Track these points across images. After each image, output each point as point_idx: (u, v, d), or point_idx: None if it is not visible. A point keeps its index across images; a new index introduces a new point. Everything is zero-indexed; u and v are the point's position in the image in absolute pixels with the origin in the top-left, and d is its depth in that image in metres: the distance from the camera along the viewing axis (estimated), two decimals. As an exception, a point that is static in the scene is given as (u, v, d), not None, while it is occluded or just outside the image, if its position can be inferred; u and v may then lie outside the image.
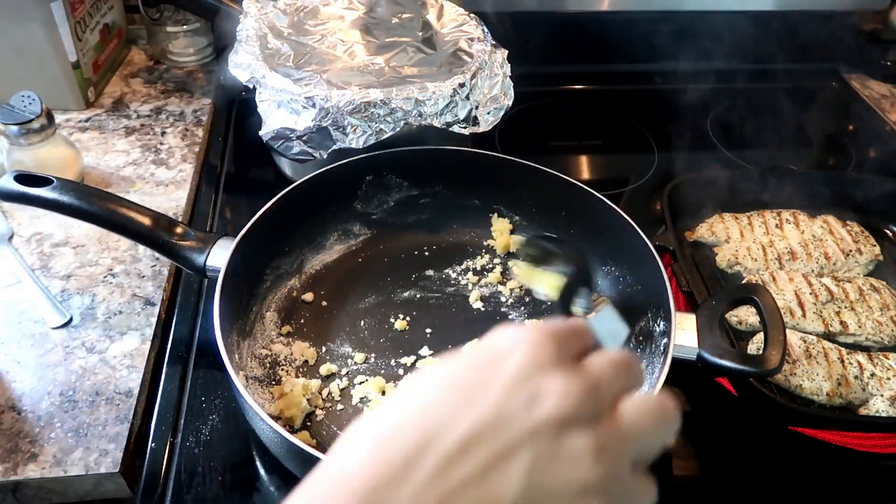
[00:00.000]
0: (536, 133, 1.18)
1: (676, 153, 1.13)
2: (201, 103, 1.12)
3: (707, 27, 1.18)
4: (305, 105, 0.82)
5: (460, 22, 0.99)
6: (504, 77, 0.93)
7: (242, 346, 0.71)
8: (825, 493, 0.70)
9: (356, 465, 0.31)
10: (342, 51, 0.92)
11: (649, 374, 0.69)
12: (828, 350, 0.77)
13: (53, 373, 0.71)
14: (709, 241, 0.93)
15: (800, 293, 0.83)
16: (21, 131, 0.85)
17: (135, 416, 0.68)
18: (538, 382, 0.32)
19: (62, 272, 0.81)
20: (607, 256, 0.83)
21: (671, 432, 0.35)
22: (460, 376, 0.34)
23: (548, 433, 0.31)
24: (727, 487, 0.70)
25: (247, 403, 0.58)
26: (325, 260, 0.85)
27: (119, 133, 1.04)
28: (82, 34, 1.04)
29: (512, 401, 0.32)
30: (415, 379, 0.35)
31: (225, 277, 0.67)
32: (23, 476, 0.62)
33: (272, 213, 0.76)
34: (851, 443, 0.70)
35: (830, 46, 1.37)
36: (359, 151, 0.83)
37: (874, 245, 0.92)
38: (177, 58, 1.20)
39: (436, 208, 0.90)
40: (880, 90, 1.34)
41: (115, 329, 0.76)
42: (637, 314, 0.76)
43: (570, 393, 0.32)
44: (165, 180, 0.97)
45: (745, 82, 1.34)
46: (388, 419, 0.33)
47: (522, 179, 0.86)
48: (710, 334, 0.66)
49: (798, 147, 1.23)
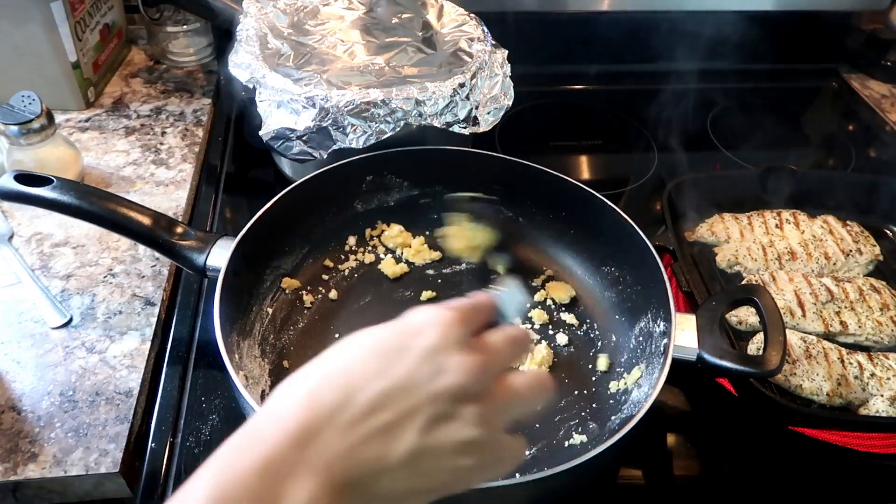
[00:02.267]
0: (536, 133, 1.18)
1: (676, 153, 1.13)
2: (201, 103, 1.12)
3: (707, 27, 1.18)
4: (305, 105, 0.82)
5: (460, 22, 0.99)
6: (504, 77, 0.93)
7: (242, 346, 0.71)
8: (825, 493, 0.70)
9: (290, 409, 0.37)
10: (342, 51, 0.92)
11: (649, 374, 0.69)
12: (828, 350, 0.77)
13: (53, 373, 0.71)
14: (709, 241, 0.93)
15: (800, 293, 0.83)
16: (21, 131, 0.85)
17: (135, 416, 0.68)
18: (443, 358, 0.40)
19: (62, 272, 0.81)
20: (607, 256, 0.83)
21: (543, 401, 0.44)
22: (381, 344, 0.41)
23: (443, 400, 0.39)
24: (727, 487, 0.70)
25: (247, 403, 0.57)
26: (325, 260, 0.85)
27: (119, 133, 1.04)
28: (82, 34, 1.03)
29: (420, 372, 0.39)
30: (344, 342, 0.42)
31: (225, 277, 0.67)
32: (23, 476, 0.62)
33: (272, 213, 0.76)
34: (851, 443, 0.70)
35: (830, 46, 1.37)
36: (359, 151, 0.83)
37: (874, 245, 0.92)
38: (177, 58, 1.20)
39: (436, 208, 0.90)
40: (880, 90, 1.34)
41: (115, 329, 0.76)
42: (637, 314, 0.76)
43: (465, 370, 0.40)
44: (165, 180, 0.96)
45: (745, 82, 1.34)
46: (318, 374, 0.40)
47: (522, 179, 0.86)
48: (710, 335, 0.66)
49: (798, 147, 1.23)
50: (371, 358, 0.40)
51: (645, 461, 0.71)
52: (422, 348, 0.40)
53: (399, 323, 0.42)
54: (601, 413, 0.71)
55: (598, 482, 0.69)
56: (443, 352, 0.40)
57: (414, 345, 0.40)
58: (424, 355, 0.40)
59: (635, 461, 0.70)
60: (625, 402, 0.70)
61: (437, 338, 0.40)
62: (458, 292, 0.83)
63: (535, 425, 0.69)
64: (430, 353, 0.40)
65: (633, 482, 0.70)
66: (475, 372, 0.40)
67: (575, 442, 0.68)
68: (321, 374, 0.40)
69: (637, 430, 0.57)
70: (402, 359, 0.40)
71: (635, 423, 0.57)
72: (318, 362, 0.41)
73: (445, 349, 0.40)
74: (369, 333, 0.42)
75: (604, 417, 0.70)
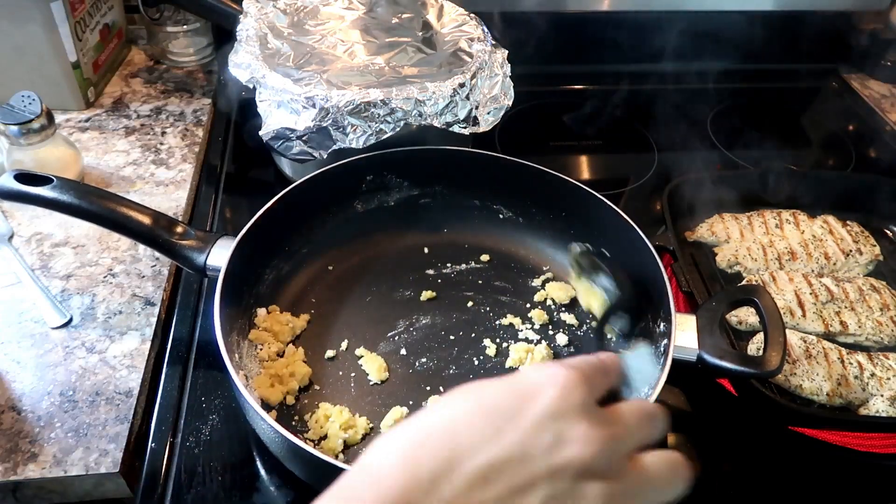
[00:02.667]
0: (536, 133, 1.18)
1: (676, 153, 1.13)
2: (201, 103, 1.12)
3: (707, 27, 1.19)
4: (305, 105, 0.82)
5: (460, 22, 0.99)
6: (504, 77, 0.93)
7: (242, 346, 0.71)
8: (825, 493, 0.70)
9: (387, 470, 0.33)
10: (342, 51, 0.92)
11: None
12: (828, 350, 0.77)
13: (53, 373, 0.71)
14: (709, 241, 0.93)
15: (800, 293, 0.83)
16: (21, 131, 0.85)
17: (135, 416, 0.68)
18: (564, 426, 0.34)
19: (62, 272, 0.81)
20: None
21: (680, 490, 0.38)
22: (492, 403, 0.35)
23: (565, 476, 0.33)
24: (727, 487, 0.70)
25: (247, 403, 0.58)
26: (325, 260, 0.85)
27: (119, 133, 1.04)
28: (82, 34, 1.03)
29: (537, 440, 0.34)
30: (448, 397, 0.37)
31: (225, 277, 0.67)
32: (23, 476, 0.62)
33: (272, 212, 0.76)
34: (851, 443, 0.71)
35: (830, 46, 1.37)
36: (359, 151, 0.83)
37: (874, 245, 0.92)
38: (177, 58, 1.21)
39: (436, 208, 0.90)
40: (880, 90, 1.34)
41: (115, 329, 0.76)
42: (637, 314, 0.76)
43: (592, 442, 0.34)
44: (165, 180, 0.97)
45: (745, 82, 1.34)
46: (419, 431, 0.35)
47: (522, 179, 0.86)
48: (710, 335, 0.66)
49: (798, 147, 1.23)
50: (479, 419, 0.35)
51: (645, 461, 0.71)
52: (539, 412, 0.35)
53: (512, 379, 0.37)
54: (601, 413, 0.71)
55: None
56: (564, 418, 0.35)
57: (530, 407, 0.35)
58: (542, 421, 0.34)
59: (635, 461, 0.70)
60: (625, 402, 0.70)
61: (557, 401, 0.35)
62: (458, 292, 0.83)
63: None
64: (549, 417, 0.35)
65: (633, 482, 0.70)
66: (602, 445, 0.34)
67: (575, 442, 0.68)
68: (422, 432, 0.35)
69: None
70: (516, 423, 0.34)
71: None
72: (419, 417, 0.36)
73: (567, 416, 0.35)
74: (477, 389, 0.37)
75: (604, 417, 0.70)
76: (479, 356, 0.76)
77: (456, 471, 0.33)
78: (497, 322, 0.80)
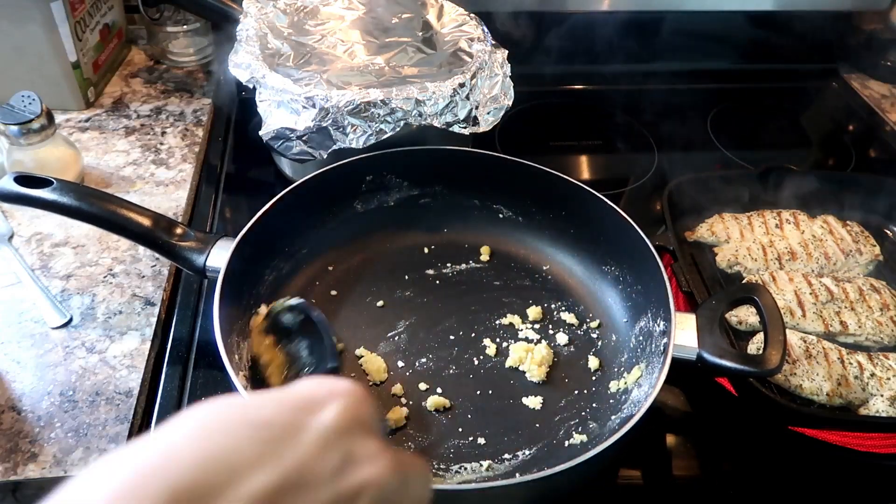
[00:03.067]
0: (536, 133, 1.18)
1: (676, 153, 1.13)
2: (201, 103, 1.12)
3: (706, 27, 1.19)
4: (305, 105, 0.82)
5: (460, 22, 0.99)
6: (504, 77, 0.93)
7: (242, 346, 0.71)
8: (825, 493, 0.70)
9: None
10: (342, 51, 0.92)
11: (649, 374, 0.69)
12: (828, 350, 0.77)
13: (53, 373, 0.71)
14: (709, 241, 0.93)
15: (800, 293, 0.83)
16: (21, 131, 0.85)
17: (135, 416, 0.68)
18: (352, 445, 0.29)
19: (62, 272, 0.81)
20: (607, 256, 0.83)
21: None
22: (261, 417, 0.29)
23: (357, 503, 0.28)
24: (727, 487, 0.70)
25: (247, 403, 0.57)
26: (325, 260, 0.85)
27: (119, 133, 1.04)
28: (82, 34, 1.04)
29: (322, 461, 0.28)
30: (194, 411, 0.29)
31: (225, 278, 0.67)
32: (23, 476, 0.62)
33: (272, 213, 0.76)
34: (851, 443, 0.71)
35: (830, 46, 1.37)
36: (359, 151, 0.83)
37: (874, 245, 0.92)
38: (177, 58, 1.21)
39: (436, 208, 0.90)
40: (880, 90, 1.34)
41: (115, 329, 0.76)
42: (637, 314, 0.76)
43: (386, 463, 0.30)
44: (165, 180, 0.97)
45: (744, 82, 1.34)
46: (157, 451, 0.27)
47: (522, 179, 0.86)
48: (709, 334, 0.66)
49: (798, 147, 1.23)
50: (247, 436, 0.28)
51: (645, 461, 0.71)
52: (322, 428, 0.29)
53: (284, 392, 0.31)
54: (601, 413, 0.71)
55: (598, 482, 0.69)
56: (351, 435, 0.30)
57: (311, 422, 0.29)
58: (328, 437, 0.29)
59: (635, 461, 0.70)
60: (625, 401, 0.70)
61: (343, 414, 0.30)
62: (458, 292, 0.83)
63: (535, 425, 0.69)
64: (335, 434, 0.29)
65: (632, 482, 0.70)
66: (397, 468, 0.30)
67: (575, 442, 0.68)
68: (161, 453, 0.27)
69: (637, 430, 0.57)
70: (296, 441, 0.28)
71: (635, 422, 0.57)
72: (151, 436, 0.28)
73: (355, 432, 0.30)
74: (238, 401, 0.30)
75: (604, 417, 0.70)
76: (478, 356, 0.76)
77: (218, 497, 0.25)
78: (497, 322, 0.80)
